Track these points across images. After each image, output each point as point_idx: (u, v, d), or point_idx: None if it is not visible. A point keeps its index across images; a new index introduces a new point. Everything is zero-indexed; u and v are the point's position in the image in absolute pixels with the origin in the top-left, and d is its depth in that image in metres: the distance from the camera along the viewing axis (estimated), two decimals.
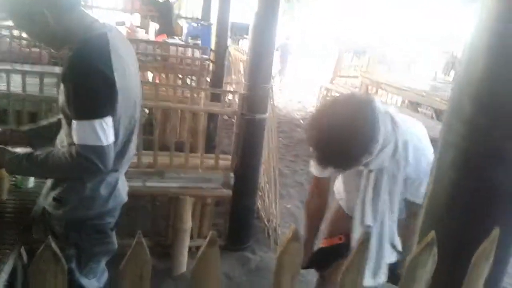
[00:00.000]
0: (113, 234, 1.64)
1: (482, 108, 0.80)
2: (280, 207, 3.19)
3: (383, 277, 1.66)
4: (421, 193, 1.49)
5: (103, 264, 1.68)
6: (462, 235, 0.82)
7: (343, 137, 1.39)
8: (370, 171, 1.60)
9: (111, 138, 1.39)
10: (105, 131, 1.36)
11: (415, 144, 1.56)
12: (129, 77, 1.47)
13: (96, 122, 1.34)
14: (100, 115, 1.35)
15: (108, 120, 1.37)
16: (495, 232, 0.74)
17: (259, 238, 3.15)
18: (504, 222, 0.78)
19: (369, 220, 1.64)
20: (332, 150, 1.43)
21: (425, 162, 1.54)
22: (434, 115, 5.92)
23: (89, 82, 1.34)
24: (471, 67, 0.81)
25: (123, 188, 1.62)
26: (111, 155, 1.41)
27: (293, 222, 3.39)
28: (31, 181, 1.83)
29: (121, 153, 1.51)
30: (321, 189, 1.89)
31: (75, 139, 1.36)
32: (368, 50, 7.92)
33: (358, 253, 0.74)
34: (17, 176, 1.78)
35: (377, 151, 1.48)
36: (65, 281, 0.68)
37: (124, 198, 1.63)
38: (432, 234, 0.73)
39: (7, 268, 1.39)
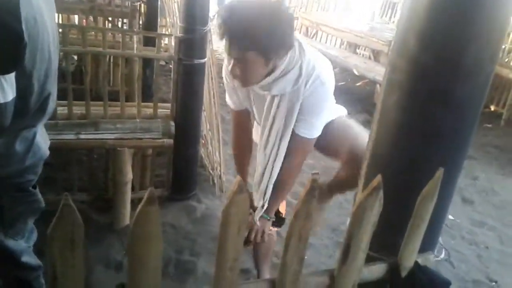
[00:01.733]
0: (37, 191, 1.53)
1: (427, 46, 0.77)
2: (224, 154, 3.15)
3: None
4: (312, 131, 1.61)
5: (31, 223, 1.58)
6: (407, 175, 0.82)
7: (264, 16, 1.36)
8: (273, 96, 1.58)
9: (10, 95, 1.24)
10: (3, 87, 1.21)
11: (316, 78, 1.53)
12: (42, 26, 1.30)
13: None
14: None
15: (9, 77, 1.22)
16: (439, 173, 0.74)
17: (204, 186, 3.13)
18: (447, 162, 0.78)
19: (268, 148, 1.66)
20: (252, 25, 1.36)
21: (315, 100, 1.55)
22: (371, 56, 6.02)
23: None
24: (416, 4, 0.78)
25: (43, 142, 1.49)
26: (9, 113, 1.26)
27: None
28: None
29: (39, 109, 1.37)
30: (242, 125, 1.86)
31: None
32: None
33: (305, 202, 0.71)
34: None
35: (280, 73, 1.48)
36: None
37: (45, 153, 1.51)
38: (378, 178, 0.71)
39: None
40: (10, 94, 1.24)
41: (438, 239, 0.92)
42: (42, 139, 1.49)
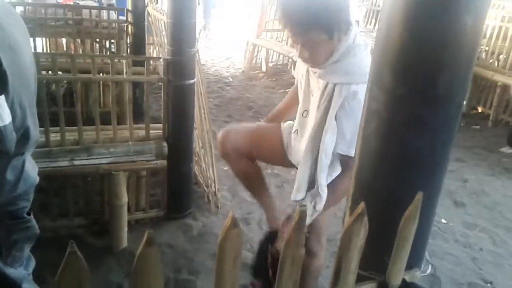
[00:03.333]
0: (31, 218, 1.55)
1: (400, 78, 0.83)
2: (217, 170, 3.19)
3: (302, 193, 1.65)
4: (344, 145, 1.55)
5: (27, 250, 1.60)
6: (389, 199, 0.86)
7: None
8: (326, 86, 1.55)
9: (7, 118, 1.28)
10: None
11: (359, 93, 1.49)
12: (19, 54, 1.34)
13: None
14: None
15: (1, 100, 1.26)
16: (419, 196, 0.79)
17: (200, 203, 3.16)
18: (425, 186, 0.83)
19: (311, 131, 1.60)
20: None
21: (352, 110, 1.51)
22: None
23: None
24: (388, 39, 0.83)
25: (32, 169, 1.52)
26: (11, 136, 1.30)
27: (232, 184, 3.41)
28: None
29: (23, 136, 1.40)
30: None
31: None
32: None
33: (295, 230, 0.76)
34: None
35: (335, 59, 1.51)
36: None
37: (35, 179, 1.54)
38: (362, 205, 0.76)
39: None
40: (6, 117, 1.27)
41: (424, 255, 0.97)
42: (31, 166, 1.52)
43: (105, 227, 2.72)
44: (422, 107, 0.82)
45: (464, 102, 0.87)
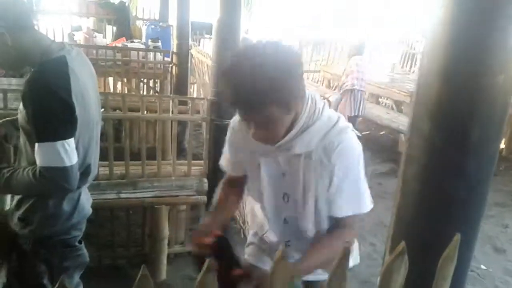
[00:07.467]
0: (82, 246, 1.68)
1: (438, 127, 0.90)
2: None
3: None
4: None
5: (77, 277, 1.71)
6: (428, 240, 0.92)
7: (269, 63, 1.12)
8: (296, 157, 1.29)
9: (74, 159, 1.43)
10: (67, 152, 1.40)
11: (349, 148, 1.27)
12: (88, 100, 1.51)
13: (59, 144, 1.38)
14: (61, 136, 1.39)
15: (71, 142, 1.42)
16: (456, 238, 0.84)
17: (236, 239, 3.22)
18: (463, 227, 0.89)
19: (309, 225, 1.35)
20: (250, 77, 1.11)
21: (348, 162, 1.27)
22: (394, 106, 6.15)
23: (48, 107, 1.37)
24: (426, 90, 0.92)
25: (86, 201, 1.67)
26: (76, 175, 1.46)
27: None
28: (7, 203, 1.83)
29: (83, 173, 1.55)
30: (231, 195, 1.53)
31: (38, 161, 1.40)
32: (328, 42, 8.05)
33: (340, 265, 0.82)
34: None
35: (303, 125, 1.24)
36: None
37: (89, 210, 1.68)
38: (402, 243, 0.82)
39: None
40: (74, 158, 1.42)
41: None
42: (86, 199, 1.66)
43: (145, 259, 2.82)
44: (458, 154, 0.89)
45: (503, 147, 0.93)
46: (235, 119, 1.41)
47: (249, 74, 1.12)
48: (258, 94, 1.12)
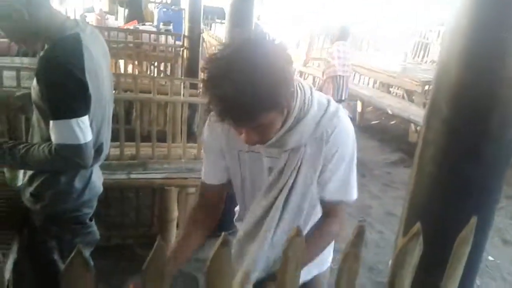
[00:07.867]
0: (93, 224, 1.70)
1: (457, 110, 0.89)
2: None
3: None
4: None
5: (87, 255, 1.73)
6: (443, 223, 0.92)
7: (258, 66, 1.02)
8: (287, 153, 1.23)
9: (88, 136, 1.44)
10: (82, 129, 1.41)
11: (343, 129, 1.19)
12: (101, 79, 1.51)
13: (73, 121, 1.39)
14: (76, 114, 1.40)
15: (85, 119, 1.42)
16: (473, 220, 0.84)
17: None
18: (478, 211, 0.88)
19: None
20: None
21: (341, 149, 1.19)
22: (405, 96, 6.10)
23: (62, 84, 1.38)
24: (446, 74, 0.91)
25: (98, 179, 1.68)
26: (90, 152, 1.47)
27: None
28: (20, 179, 1.85)
29: (96, 151, 1.56)
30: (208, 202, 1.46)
31: (53, 138, 1.41)
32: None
33: (354, 244, 0.82)
34: (6, 174, 1.80)
35: (294, 120, 1.18)
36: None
37: (100, 189, 1.70)
38: (417, 225, 0.82)
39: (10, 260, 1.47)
40: (88, 135, 1.43)
41: (474, 281, 1.01)
42: (97, 177, 1.67)
43: (154, 240, 2.83)
44: (476, 139, 0.88)
45: None
46: (212, 119, 1.25)
47: (241, 85, 1.00)
48: (252, 105, 1.02)
